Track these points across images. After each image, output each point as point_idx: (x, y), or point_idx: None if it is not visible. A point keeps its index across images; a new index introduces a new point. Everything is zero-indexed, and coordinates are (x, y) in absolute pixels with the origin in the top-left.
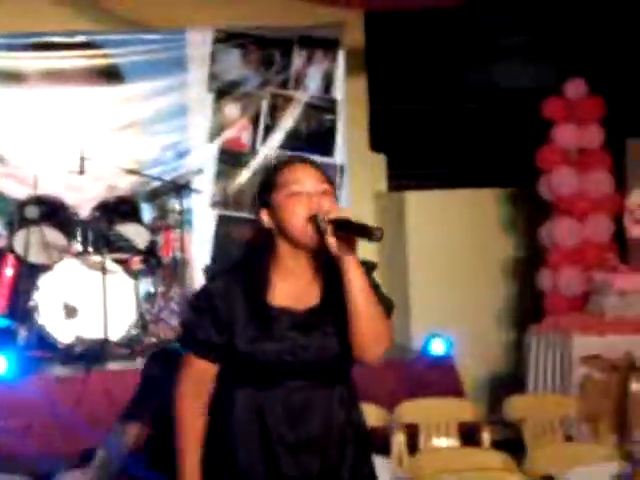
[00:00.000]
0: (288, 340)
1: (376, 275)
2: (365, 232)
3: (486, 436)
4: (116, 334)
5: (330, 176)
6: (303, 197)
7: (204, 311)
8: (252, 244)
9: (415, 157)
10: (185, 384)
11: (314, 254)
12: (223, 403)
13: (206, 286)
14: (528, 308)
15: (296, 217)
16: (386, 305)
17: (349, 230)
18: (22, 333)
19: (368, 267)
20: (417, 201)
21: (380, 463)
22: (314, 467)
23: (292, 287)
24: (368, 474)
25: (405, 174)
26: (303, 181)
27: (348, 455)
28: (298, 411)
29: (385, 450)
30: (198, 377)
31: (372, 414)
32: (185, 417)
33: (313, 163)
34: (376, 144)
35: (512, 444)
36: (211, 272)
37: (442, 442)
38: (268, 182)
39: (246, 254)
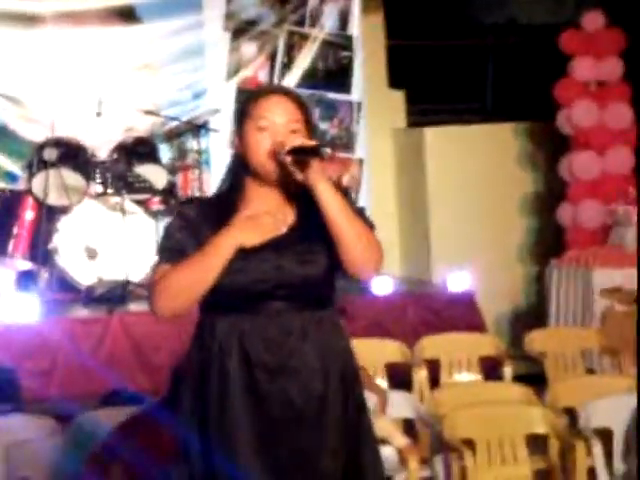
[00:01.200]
0: (264, 260)
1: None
2: (315, 151)
3: (507, 370)
4: (137, 275)
5: (307, 110)
6: (268, 132)
7: (178, 228)
8: (230, 172)
9: (434, 93)
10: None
11: (283, 185)
12: (202, 330)
13: (179, 210)
14: (549, 242)
15: (259, 152)
16: (368, 225)
17: (303, 154)
18: (43, 276)
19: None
20: (436, 137)
21: (402, 398)
22: (296, 395)
23: (265, 210)
24: (355, 408)
25: (423, 110)
26: (272, 115)
27: (333, 387)
28: (277, 335)
29: (406, 385)
30: None
31: (393, 350)
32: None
33: (291, 95)
34: (394, 80)
35: (534, 378)
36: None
37: (463, 377)
38: (242, 110)
39: (223, 182)
